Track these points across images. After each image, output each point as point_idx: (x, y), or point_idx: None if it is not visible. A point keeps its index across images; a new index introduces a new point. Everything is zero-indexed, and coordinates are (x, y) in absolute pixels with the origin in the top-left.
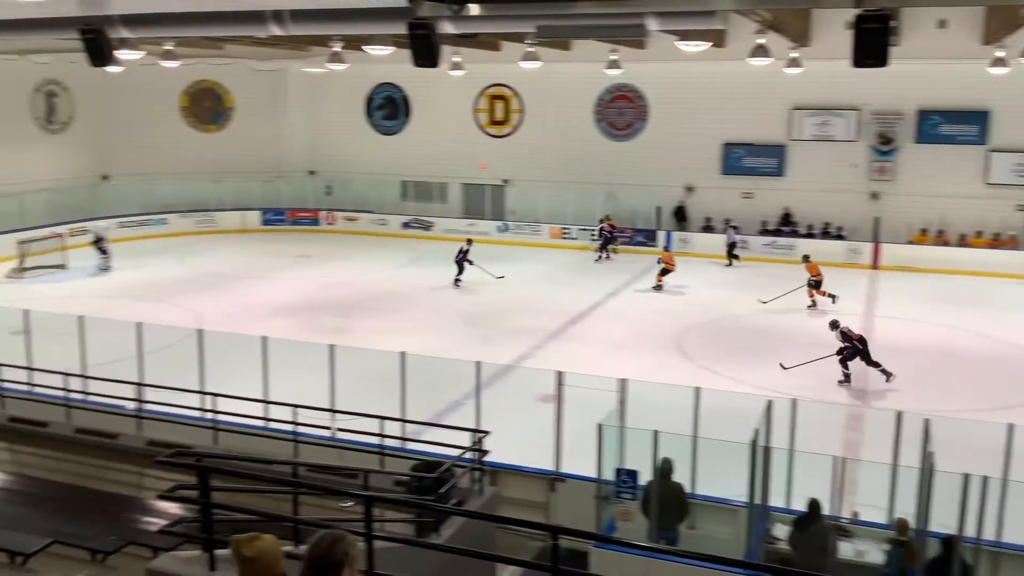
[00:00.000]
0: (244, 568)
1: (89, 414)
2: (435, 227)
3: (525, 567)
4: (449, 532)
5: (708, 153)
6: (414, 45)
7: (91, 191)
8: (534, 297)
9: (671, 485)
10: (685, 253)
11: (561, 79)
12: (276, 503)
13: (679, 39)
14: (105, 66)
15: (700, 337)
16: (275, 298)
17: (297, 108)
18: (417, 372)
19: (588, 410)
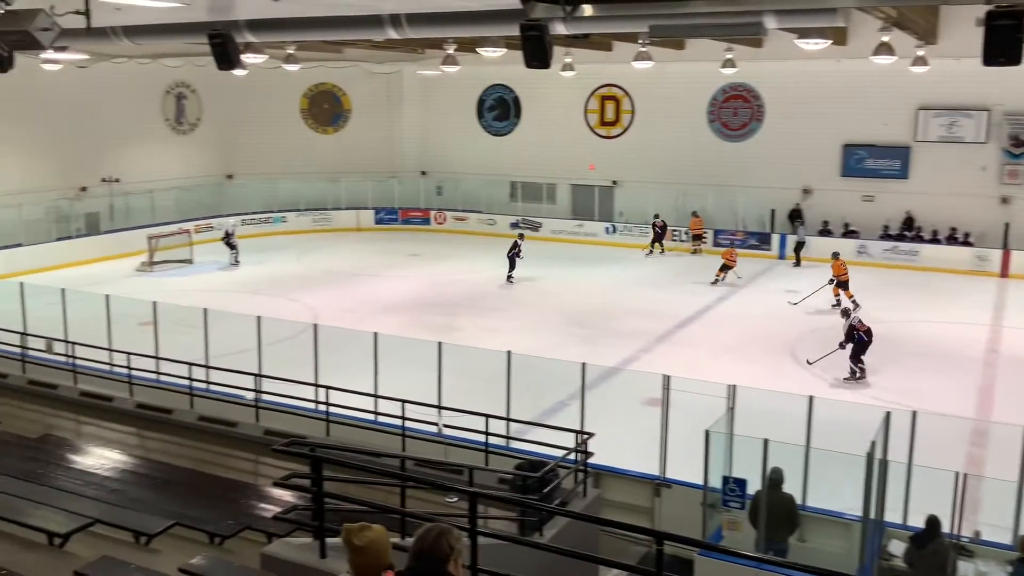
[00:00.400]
0: (354, 557)
1: (211, 403)
2: (543, 228)
3: (629, 571)
4: (552, 532)
5: (827, 154)
6: (526, 46)
7: (216, 189)
8: (642, 299)
9: (781, 496)
10: (802, 257)
11: (674, 79)
12: (384, 495)
13: (798, 37)
14: (231, 69)
15: (815, 344)
16: (386, 295)
17: (411, 109)
18: (522, 371)
19: (695, 415)
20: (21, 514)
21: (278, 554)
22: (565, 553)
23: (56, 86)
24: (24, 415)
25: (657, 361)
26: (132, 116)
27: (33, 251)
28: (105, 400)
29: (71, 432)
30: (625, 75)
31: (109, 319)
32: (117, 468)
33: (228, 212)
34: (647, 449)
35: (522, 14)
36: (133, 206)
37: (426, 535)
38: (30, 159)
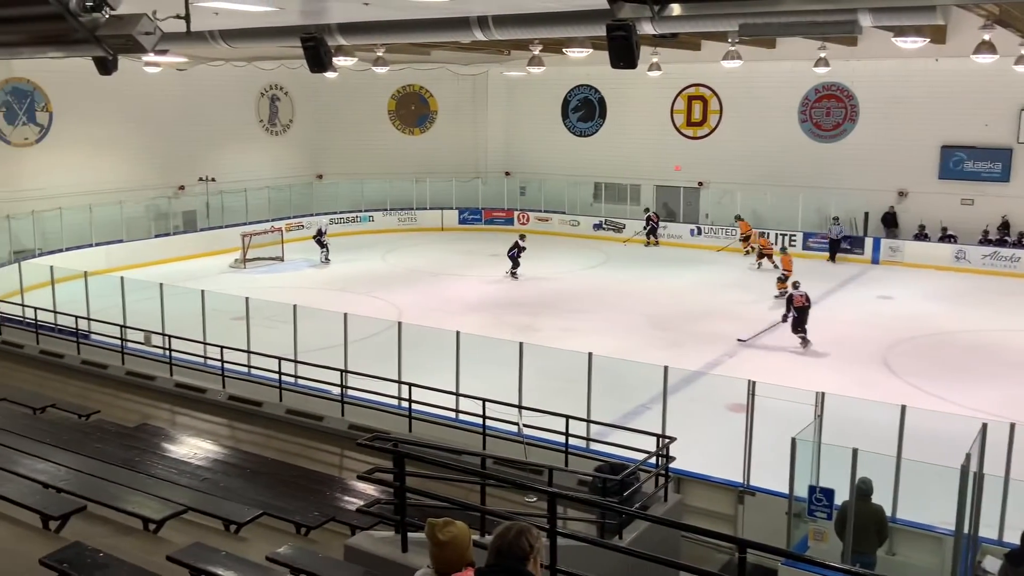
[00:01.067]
0: (437, 552)
1: (299, 396)
2: (627, 229)
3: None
4: (631, 536)
5: (924, 156)
6: (612, 47)
7: (306, 189)
8: (727, 302)
9: (870, 507)
10: (895, 262)
11: (764, 78)
12: (464, 492)
13: (895, 35)
14: (323, 72)
15: (909, 352)
16: (469, 295)
17: (496, 111)
18: (603, 373)
19: (781, 423)
20: (119, 500)
21: (361, 546)
22: (645, 557)
23: (156, 88)
24: (123, 404)
25: (742, 366)
26: (228, 117)
27: (133, 247)
28: (199, 392)
29: (166, 422)
30: (713, 74)
31: (204, 314)
32: (209, 458)
33: (318, 211)
34: (730, 455)
35: (609, 14)
36: (228, 205)
37: (506, 533)
38: (132, 159)
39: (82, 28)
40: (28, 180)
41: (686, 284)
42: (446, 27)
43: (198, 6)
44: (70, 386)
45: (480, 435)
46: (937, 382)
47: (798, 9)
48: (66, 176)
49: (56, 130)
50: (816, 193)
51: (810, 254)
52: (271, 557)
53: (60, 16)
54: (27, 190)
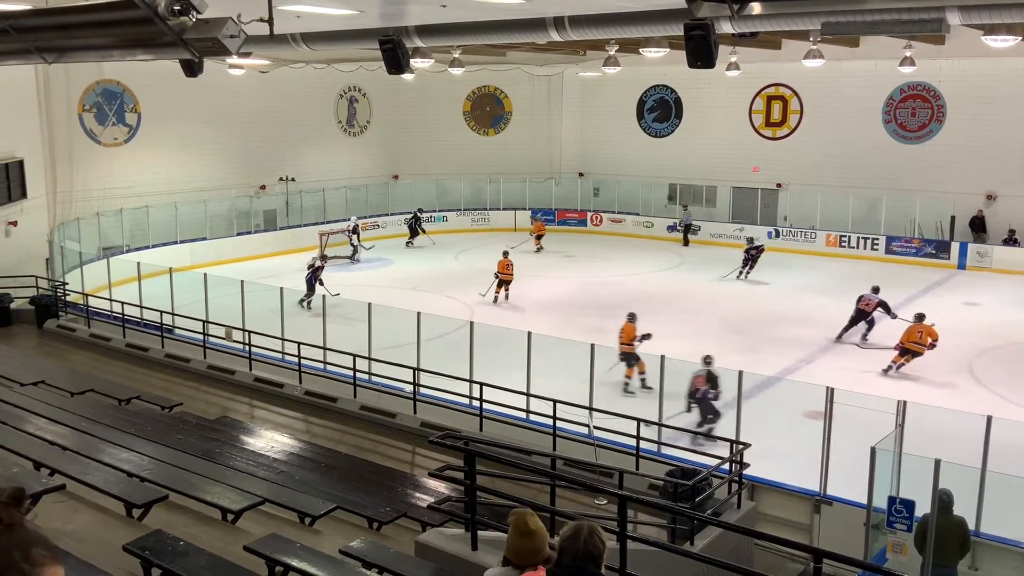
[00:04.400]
0: (521, 541)
1: (372, 393)
2: (702, 231)
3: None
4: (703, 543)
5: (1014, 158)
6: (690, 46)
7: (383, 189)
8: (805, 307)
9: (952, 519)
10: (982, 268)
11: (846, 77)
12: (533, 492)
13: (984, 33)
14: (400, 73)
15: (995, 361)
16: (540, 295)
17: (570, 111)
18: (676, 377)
19: (859, 431)
20: (199, 490)
21: (431, 543)
22: (717, 564)
23: (239, 90)
24: (204, 397)
25: (819, 372)
26: (307, 118)
27: (216, 244)
28: (276, 386)
29: (245, 415)
30: (794, 74)
31: (283, 310)
32: (285, 451)
33: (393, 211)
34: (807, 464)
35: (687, 13)
36: (306, 204)
37: (578, 534)
38: (215, 159)
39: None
40: (117, 179)
41: (763, 288)
42: (522, 28)
43: (281, 9)
44: (154, 379)
45: (550, 436)
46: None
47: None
48: (153, 175)
49: (144, 131)
50: (900, 196)
51: (893, 258)
52: (344, 550)
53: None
54: (116, 188)
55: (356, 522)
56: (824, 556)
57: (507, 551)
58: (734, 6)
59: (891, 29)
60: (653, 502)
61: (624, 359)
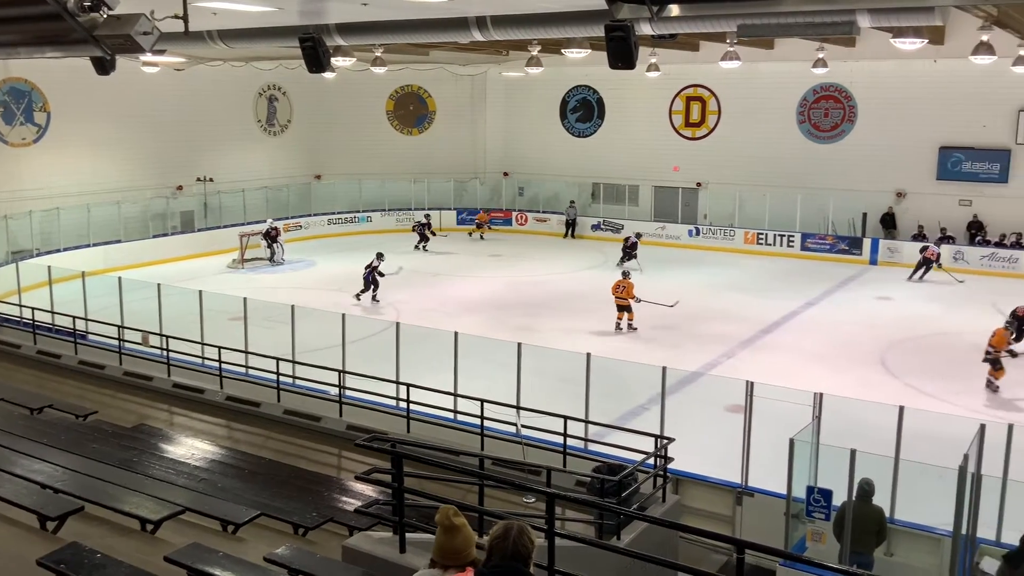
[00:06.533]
0: (448, 539)
1: (296, 397)
2: (625, 229)
3: None
4: (629, 537)
5: (922, 157)
6: (611, 48)
7: (304, 189)
8: (725, 304)
9: (871, 508)
10: (893, 263)
11: (762, 79)
12: (462, 493)
13: (893, 36)
14: (321, 72)
15: (907, 353)
16: (467, 295)
17: (494, 111)
18: (602, 374)
19: (779, 424)
20: (116, 500)
21: (359, 547)
22: (642, 558)
23: (154, 88)
24: (120, 405)
25: (741, 367)
26: (226, 117)
27: (131, 247)
28: (196, 392)
29: (164, 422)
30: (712, 75)
31: (202, 314)
32: (207, 458)
33: (315, 212)
34: (729, 456)
35: (607, 15)
36: (226, 205)
37: (507, 533)
38: (129, 159)
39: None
40: (26, 180)
41: (684, 285)
42: (444, 27)
43: (196, 6)
44: (67, 386)
45: (478, 436)
46: (935, 383)
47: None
48: (64, 176)
49: (54, 130)
50: (814, 194)
51: (809, 255)
52: (269, 558)
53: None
54: (25, 190)
55: (281, 528)
56: (746, 547)
57: (434, 552)
58: (653, 8)
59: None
60: (580, 499)
61: (621, 310)
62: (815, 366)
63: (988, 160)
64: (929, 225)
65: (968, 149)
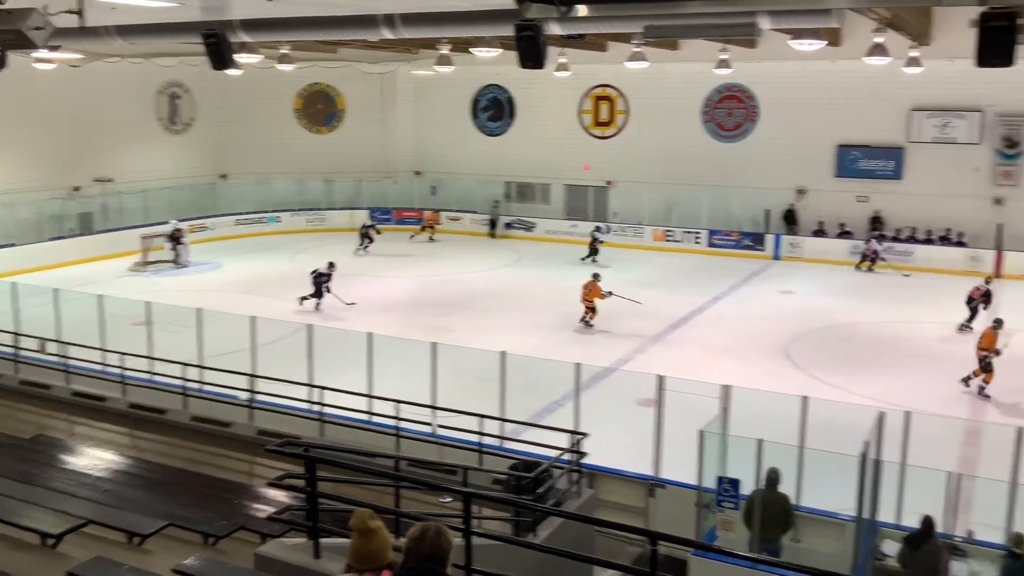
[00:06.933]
0: (363, 543)
1: (204, 403)
2: (537, 228)
3: (623, 571)
4: (546, 533)
5: (821, 155)
6: (520, 47)
7: (210, 189)
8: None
9: (777, 496)
10: (795, 258)
11: (668, 79)
12: (378, 495)
13: (792, 38)
14: (225, 69)
15: (810, 345)
16: (380, 296)
17: (405, 110)
18: (517, 372)
19: (689, 416)
20: (14, 515)
21: (272, 554)
22: (559, 553)
23: (50, 86)
24: (17, 415)
25: (652, 361)
26: (125, 116)
27: (26, 251)
28: (98, 400)
29: (64, 432)
30: (619, 75)
31: (102, 319)
32: (110, 468)
33: (221, 212)
34: (641, 449)
35: (516, 14)
36: (126, 206)
37: (424, 535)
38: (24, 158)
39: None
40: None
41: None
42: (352, 25)
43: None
44: None
45: (394, 437)
46: (837, 373)
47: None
48: None
49: None
50: (720, 191)
51: (715, 251)
52: (177, 569)
53: None
54: None
55: (190, 539)
56: (659, 538)
57: (349, 556)
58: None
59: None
60: (496, 497)
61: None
62: (723, 359)
63: (883, 158)
64: (829, 221)
65: (864, 147)
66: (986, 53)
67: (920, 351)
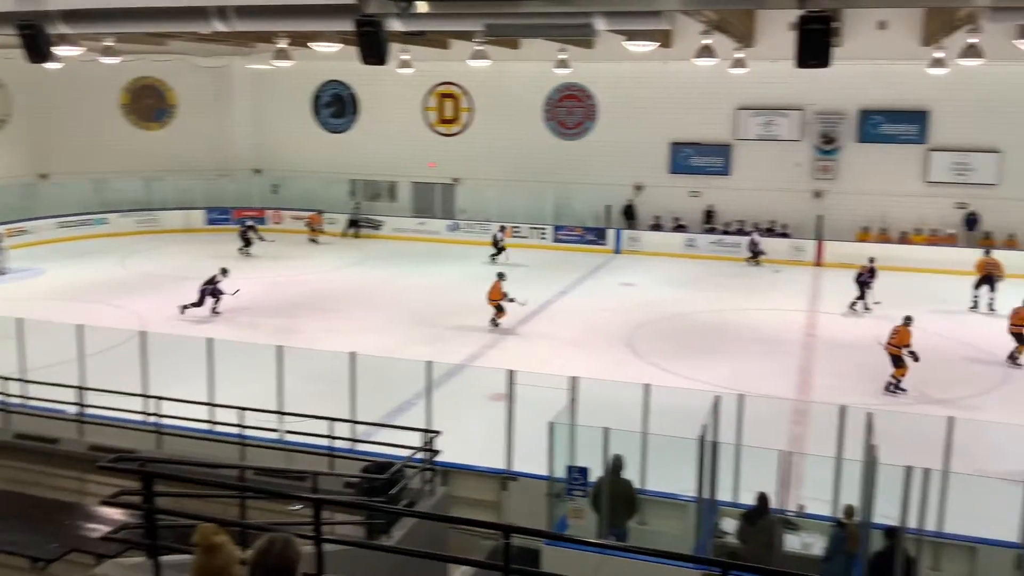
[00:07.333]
0: (208, 560)
1: (29, 419)
2: (385, 226)
3: (477, 567)
4: (400, 533)
5: (656, 152)
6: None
7: (29, 190)
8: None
9: (620, 482)
10: (635, 251)
11: (511, 78)
12: (223, 508)
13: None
14: (43, 62)
15: (651, 335)
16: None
17: (242, 105)
18: (367, 372)
19: (540, 408)
20: None
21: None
22: (412, 554)
23: None
24: None
25: (503, 356)
26: None
27: None
28: None
29: None
30: (463, 73)
31: None
32: None
33: (42, 214)
34: (494, 444)
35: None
36: None
37: (271, 547)
38: None
39: None
40: None
41: (445, 279)
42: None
43: None
44: None
45: (238, 446)
46: (676, 361)
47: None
48: None
49: None
50: (563, 188)
51: (560, 246)
52: None
53: None
54: None
55: (16, 564)
56: (511, 531)
57: (193, 574)
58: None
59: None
60: (345, 501)
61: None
62: (571, 351)
63: (713, 155)
64: (665, 216)
65: (696, 145)
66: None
67: (751, 337)
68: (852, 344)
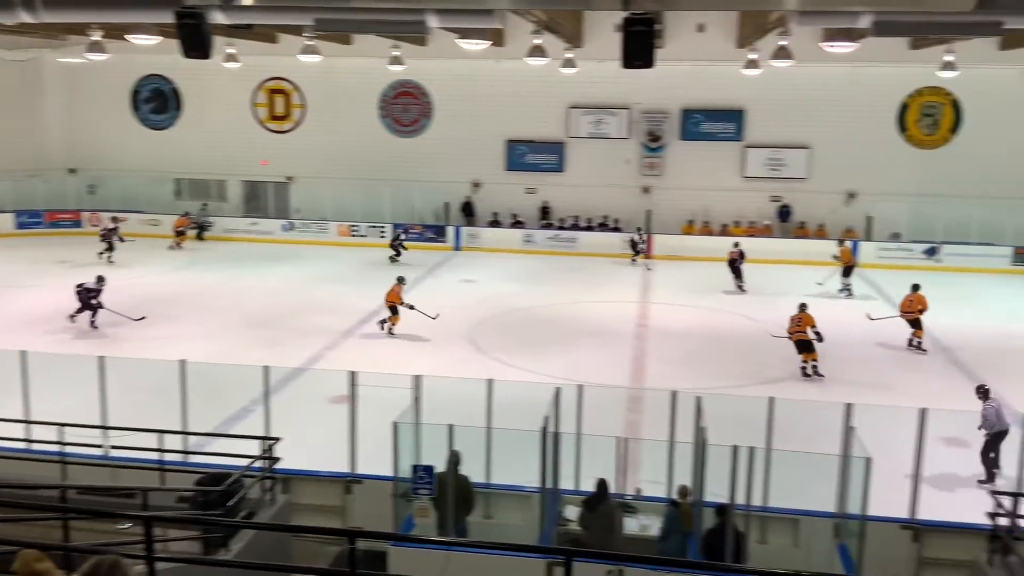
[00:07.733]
0: None
1: None
2: (215, 227)
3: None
4: (239, 546)
5: (493, 149)
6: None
7: None
8: (324, 297)
9: (459, 478)
10: (475, 248)
11: (344, 74)
12: (44, 530)
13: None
14: None
15: (492, 330)
16: (33, 308)
17: (54, 101)
18: (200, 380)
19: (384, 409)
20: None
21: None
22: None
23: None
24: None
25: (343, 357)
26: None
27: None
28: None
29: None
30: (293, 68)
31: None
32: None
33: None
34: (338, 448)
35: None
36: None
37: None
38: None
39: None
40: None
41: (280, 281)
42: None
43: None
44: None
45: (58, 464)
46: (518, 355)
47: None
48: None
49: None
50: (401, 185)
51: None
52: None
53: None
54: None
55: None
56: (355, 535)
57: None
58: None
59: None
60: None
61: (391, 311)
62: (414, 350)
63: (547, 152)
64: (502, 212)
65: (530, 142)
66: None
67: (588, 329)
68: (681, 333)
